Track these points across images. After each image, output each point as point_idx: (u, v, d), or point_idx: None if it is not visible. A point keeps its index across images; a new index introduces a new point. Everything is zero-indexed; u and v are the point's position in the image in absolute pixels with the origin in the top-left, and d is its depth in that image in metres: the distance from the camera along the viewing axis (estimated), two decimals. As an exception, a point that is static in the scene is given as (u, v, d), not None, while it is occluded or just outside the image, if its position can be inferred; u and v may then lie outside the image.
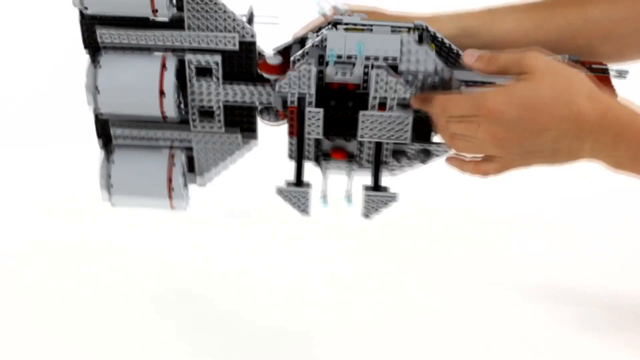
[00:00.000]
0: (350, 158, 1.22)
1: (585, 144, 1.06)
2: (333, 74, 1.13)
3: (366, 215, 1.22)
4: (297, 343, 1.27)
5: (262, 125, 1.26)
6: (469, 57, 1.12)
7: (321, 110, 1.15)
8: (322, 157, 1.23)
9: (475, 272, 1.43)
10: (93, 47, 1.18)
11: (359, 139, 1.18)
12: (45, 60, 2.09)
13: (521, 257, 1.48)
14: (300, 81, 1.12)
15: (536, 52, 1.08)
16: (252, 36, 1.17)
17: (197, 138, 1.25)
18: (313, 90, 1.12)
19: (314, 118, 1.16)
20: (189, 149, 1.27)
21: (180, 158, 1.25)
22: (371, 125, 1.16)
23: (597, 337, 1.23)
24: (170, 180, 1.25)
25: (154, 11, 1.11)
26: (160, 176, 1.26)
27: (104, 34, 1.16)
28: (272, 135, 1.27)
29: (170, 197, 1.29)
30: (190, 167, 1.29)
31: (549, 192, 1.73)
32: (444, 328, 1.28)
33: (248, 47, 1.17)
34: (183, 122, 1.25)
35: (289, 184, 1.21)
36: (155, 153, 1.27)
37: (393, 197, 1.20)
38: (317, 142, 1.21)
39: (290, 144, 1.21)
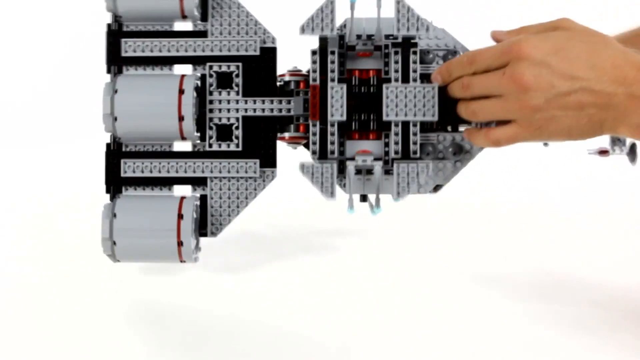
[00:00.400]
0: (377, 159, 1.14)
1: (614, 97, 1.01)
2: (354, 40, 1.13)
3: (398, 193, 1.09)
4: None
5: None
6: (496, 32, 1.13)
7: (344, 85, 1.12)
8: (346, 161, 1.14)
9: (473, 272, 1.35)
10: (115, 62, 1.18)
11: (385, 119, 1.12)
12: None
13: (521, 257, 1.40)
14: (322, 17, 1.10)
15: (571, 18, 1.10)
16: (273, 41, 1.18)
17: (213, 174, 1.18)
18: (335, 30, 1.10)
19: (337, 95, 1.12)
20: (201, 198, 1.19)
21: (191, 210, 1.15)
22: (396, 100, 1.12)
23: (594, 338, 1.13)
24: (179, 242, 1.15)
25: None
26: (168, 235, 1.15)
27: (129, 45, 1.18)
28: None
29: (180, 255, 1.16)
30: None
31: (547, 193, 1.62)
32: (443, 329, 1.18)
33: (269, 54, 1.18)
34: (197, 156, 1.19)
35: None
36: (163, 205, 1.18)
37: (426, 166, 1.09)
38: (341, 144, 1.14)
39: (313, 134, 1.14)
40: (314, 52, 1.13)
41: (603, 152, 1.28)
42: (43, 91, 1.99)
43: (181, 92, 1.14)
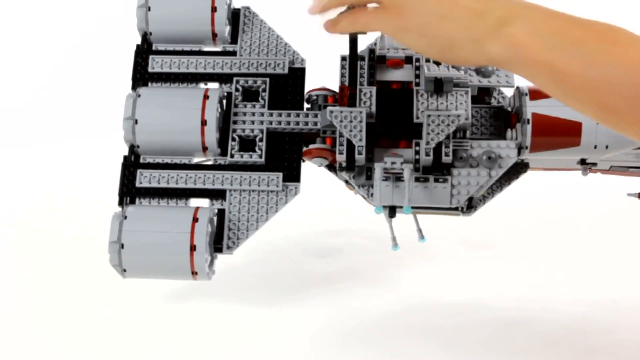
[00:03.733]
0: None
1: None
2: (384, 48, 1.11)
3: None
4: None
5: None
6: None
7: (374, 87, 1.09)
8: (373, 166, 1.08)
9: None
10: (142, 78, 1.16)
11: (416, 121, 1.07)
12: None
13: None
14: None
15: None
16: (302, 62, 1.17)
17: (233, 187, 1.11)
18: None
19: (366, 97, 1.08)
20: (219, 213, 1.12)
21: (207, 217, 1.08)
22: (427, 103, 1.08)
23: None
24: (192, 246, 1.06)
25: (213, 24, 1.15)
26: (181, 237, 1.07)
27: (156, 61, 1.17)
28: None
29: (192, 264, 1.07)
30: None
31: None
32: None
33: (297, 73, 1.16)
34: (217, 169, 1.13)
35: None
36: (177, 210, 1.11)
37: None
38: (370, 151, 1.09)
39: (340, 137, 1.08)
40: (343, 58, 1.12)
41: None
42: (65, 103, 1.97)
43: (206, 97, 1.12)
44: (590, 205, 1.58)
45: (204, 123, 1.10)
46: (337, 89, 1.13)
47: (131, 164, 1.13)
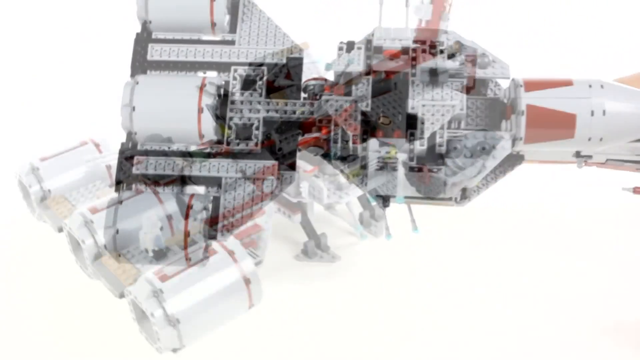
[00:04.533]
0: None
1: None
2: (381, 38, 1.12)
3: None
4: None
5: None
6: None
7: (370, 77, 1.09)
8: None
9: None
10: (141, 66, 1.18)
11: (410, 111, 1.08)
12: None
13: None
14: None
15: None
16: (300, 52, 1.18)
17: (229, 174, 1.12)
18: None
19: (363, 87, 1.09)
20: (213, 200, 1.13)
21: (200, 211, 1.09)
22: (422, 93, 1.08)
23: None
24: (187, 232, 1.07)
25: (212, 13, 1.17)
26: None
27: (155, 49, 1.18)
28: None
29: (187, 260, 1.09)
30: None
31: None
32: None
33: (295, 62, 1.17)
34: (213, 156, 1.14)
35: None
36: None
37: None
38: (364, 141, 1.09)
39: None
40: (340, 48, 1.13)
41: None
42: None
43: (203, 85, 1.13)
44: (588, 203, 1.59)
45: (200, 110, 1.11)
46: (333, 79, 1.14)
47: (128, 151, 1.14)
